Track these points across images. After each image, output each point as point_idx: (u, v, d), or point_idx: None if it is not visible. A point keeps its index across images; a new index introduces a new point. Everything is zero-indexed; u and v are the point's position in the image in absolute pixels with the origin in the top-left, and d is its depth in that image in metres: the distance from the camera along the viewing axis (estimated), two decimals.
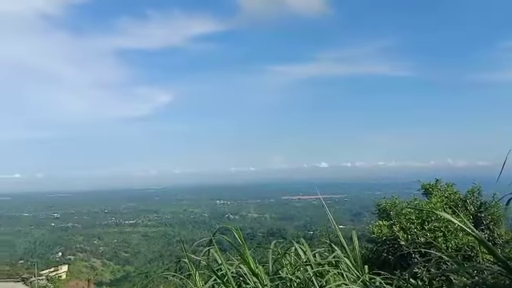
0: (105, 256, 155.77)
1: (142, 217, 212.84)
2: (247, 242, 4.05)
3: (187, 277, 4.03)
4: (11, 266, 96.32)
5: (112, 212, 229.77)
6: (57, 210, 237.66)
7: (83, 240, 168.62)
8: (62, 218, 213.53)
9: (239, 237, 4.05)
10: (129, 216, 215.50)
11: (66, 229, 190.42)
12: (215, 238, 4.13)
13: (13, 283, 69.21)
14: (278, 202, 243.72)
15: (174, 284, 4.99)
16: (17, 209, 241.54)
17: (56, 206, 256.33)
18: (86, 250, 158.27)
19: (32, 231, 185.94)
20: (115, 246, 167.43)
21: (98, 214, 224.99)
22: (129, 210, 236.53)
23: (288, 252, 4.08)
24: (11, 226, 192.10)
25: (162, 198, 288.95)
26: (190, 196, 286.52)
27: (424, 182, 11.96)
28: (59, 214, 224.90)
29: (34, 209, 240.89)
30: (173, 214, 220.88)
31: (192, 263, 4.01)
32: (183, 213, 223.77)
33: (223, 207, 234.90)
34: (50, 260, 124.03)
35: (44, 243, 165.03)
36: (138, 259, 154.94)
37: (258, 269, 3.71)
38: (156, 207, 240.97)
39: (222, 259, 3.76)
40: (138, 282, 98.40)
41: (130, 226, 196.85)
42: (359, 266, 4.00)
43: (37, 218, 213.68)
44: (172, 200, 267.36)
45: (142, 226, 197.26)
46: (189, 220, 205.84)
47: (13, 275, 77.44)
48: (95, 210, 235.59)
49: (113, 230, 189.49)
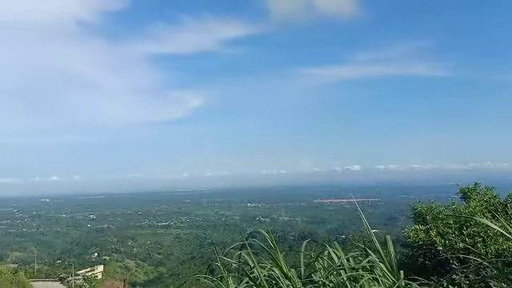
0: (138, 257, 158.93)
1: (174, 219, 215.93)
2: (278, 245, 3.99)
3: (219, 279, 4.03)
4: (49, 266, 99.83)
5: (145, 214, 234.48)
6: (92, 211, 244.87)
7: (118, 241, 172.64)
8: (98, 220, 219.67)
9: (271, 240, 3.98)
10: (161, 218, 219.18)
11: (101, 230, 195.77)
12: (247, 241, 4.07)
13: (51, 282, 71.63)
14: (309, 205, 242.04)
15: (206, 286, 4.90)
16: (55, 210, 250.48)
17: (92, 207, 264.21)
18: (121, 250, 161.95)
19: (69, 232, 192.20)
20: (148, 247, 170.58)
21: (132, 216, 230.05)
22: (161, 212, 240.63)
23: (321, 256, 3.98)
24: (50, 227, 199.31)
25: (193, 200, 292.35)
26: (221, 199, 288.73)
27: (462, 186, 11.50)
28: (95, 215, 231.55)
29: (71, 210, 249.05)
30: (204, 216, 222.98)
31: (224, 266, 3.99)
32: (214, 215, 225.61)
33: (254, 210, 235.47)
34: (87, 260, 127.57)
35: (81, 244, 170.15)
36: (171, 261, 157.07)
37: (291, 272, 3.66)
38: (188, 209, 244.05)
39: (255, 262, 3.69)
40: (171, 283, 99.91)
41: (163, 227, 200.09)
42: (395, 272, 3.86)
43: (74, 219, 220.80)
44: (203, 202, 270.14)
45: (175, 227, 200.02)
46: (220, 222, 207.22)
47: (51, 275, 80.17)
48: (129, 212, 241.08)
49: (146, 231, 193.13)
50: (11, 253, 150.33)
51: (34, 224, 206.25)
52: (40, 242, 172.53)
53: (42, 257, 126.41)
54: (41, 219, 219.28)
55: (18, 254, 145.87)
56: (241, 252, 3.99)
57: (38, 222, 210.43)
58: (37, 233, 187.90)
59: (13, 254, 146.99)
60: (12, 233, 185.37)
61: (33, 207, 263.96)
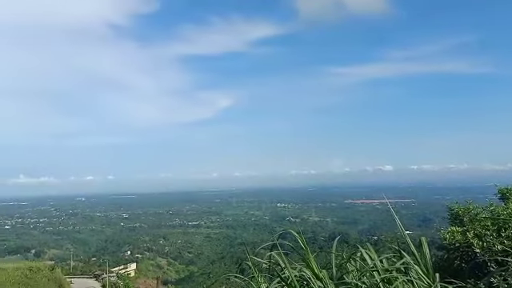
0: (170, 255, 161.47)
1: (204, 218, 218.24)
2: (308, 246, 3.94)
3: (250, 279, 4.00)
4: (85, 263, 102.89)
5: (176, 213, 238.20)
6: (125, 210, 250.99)
7: (150, 240, 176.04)
8: (130, 218, 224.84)
9: (302, 240, 3.96)
10: (192, 217, 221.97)
11: (133, 228, 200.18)
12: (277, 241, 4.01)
13: (86, 279, 73.70)
14: (340, 206, 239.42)
15: (237, 286, 5.16)
16: (90, 209, 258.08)
17: (124, 206, 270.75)
18: (153, 249, 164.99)
19: (104, 230, 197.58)
20: (179, 246, 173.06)
21: (163, 215, 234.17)
22: (192, 211, 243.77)
23: (353, 257, 3.89)
24: (85, 225, 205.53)
25: (223, 200, 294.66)
26: (251, 198, 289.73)
27: (501, 186, 11.03)
28: (128, 214, 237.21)
29: (105, 209, 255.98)
30: (234, 216, 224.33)
31: (254, 265, 3.97)
32: (244, 215, 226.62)
33: (284, 210, 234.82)
34: (120, 258, 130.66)
35: (114, 242, 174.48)
36: (201, 260, 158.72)
37: (322, 273, 3.61)
38: (218, 209, 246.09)
39: (286, 262, 3.64)
40: (202, 282, 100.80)
41: (193, 227, 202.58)
42: (430, 274, 3.75)
43: (108, 218, 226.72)
44: (233, 202, 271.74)
45: (205, 227, 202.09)
46: (250, 222, 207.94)
47: (86, 272, 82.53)
48: (160, 211, 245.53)
49: (177, 230, 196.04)
50: (48, 250, 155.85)
51: (70, 222, 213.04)
52: (76, 239, 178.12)
53: (77, 254, 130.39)
54: (76, 217, 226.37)
55: (54, 252, 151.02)
56: (272, 252, 3.94)
57: (73, 221, 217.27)
58: (73, 231, 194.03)
59: (50, 252, 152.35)
60: (49, 231, 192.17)
61: (69, 206, 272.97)
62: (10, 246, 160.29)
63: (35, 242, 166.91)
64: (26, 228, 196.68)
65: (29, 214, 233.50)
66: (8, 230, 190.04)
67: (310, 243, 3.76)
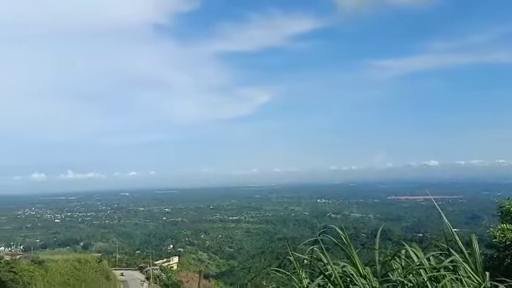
0: (211, 250, 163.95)
1: (244, 213, 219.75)
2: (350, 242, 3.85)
3: (292, 274, 3.96)
4: (130, 256, 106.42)
5: (216, 208, 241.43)
6: (167, 205, 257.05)
7: (191, 234, 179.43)
8: (172, 213, 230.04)
9: (344, 236, 3.86)
10: (232, 212, 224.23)
11: (175, 223, 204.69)
12: (318, 237, 3.97)
13: (131, 271, 76.19)
14: (382, 202, 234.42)
15: (277, 281, 4.92)
16: (134, 203, 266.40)
17: (166, 201, 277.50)
18: (194, 243, 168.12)
19: (147, 224, 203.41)
20: (220, 240, 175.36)
21: (204, 210, 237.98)
22: (232, 206, 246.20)
23: (398, 254, 3.77)
24: (129, 219, 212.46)
25: (262, 195, 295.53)
26: (291, 194, 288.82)
27: None
28: (169, 209, 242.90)
29: (148, 204, 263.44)
30: (274, 211, 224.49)
31: (296, 261, 3.90)
32: (284, 211, 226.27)
33: (324, 206, 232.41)
34: (163, 251, 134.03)
35: (157, 235, 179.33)
36: (241, 254, 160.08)
37: (366, 270, 3.55)
38: (257, 205, 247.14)
39: (328, 258, 3.60)
40: (242, 276, 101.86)
41: (234, 222, 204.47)
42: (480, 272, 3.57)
43: (151, 212, 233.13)
44: (272, 198, 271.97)
45: (245, 222, 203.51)
46: (290, 218, 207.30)
47: (131, 264, 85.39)
48: (201, 206, 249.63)
49: (217, 225, 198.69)
50: (95, 243, 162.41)
51: (116, 216, 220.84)
52: (121, 233, 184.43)
53: (122, 247, 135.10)
54: (121, 212, 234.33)
55: (101, 244, 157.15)
56: (313, 247, 3.89)
57: (119, 215, 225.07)
58: (118, 224, 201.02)
59: (97, 244, 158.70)
60: (96, 224, 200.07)
61: (114, 200, 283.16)
62: (59, 239, 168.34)
63: (83, 235, 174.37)
64: (75, 221, 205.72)
65: (77, 208, 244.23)
66: (58, 224, 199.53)
67: (351, 240, 3.67)
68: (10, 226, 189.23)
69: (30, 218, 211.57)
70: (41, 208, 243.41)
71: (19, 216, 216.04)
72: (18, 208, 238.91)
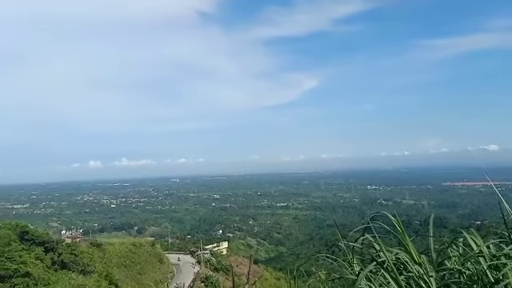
0: (259, 236, 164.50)
1: (292, 200, 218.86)
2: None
3: (343, 261, 3.81)
4: (181, 240, 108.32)
5: (264, 194, 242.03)
6: (216, 191, 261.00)
7: (239, 220, 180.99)
8: (221, 199, 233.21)
9: (398, 223, 3.51)
10: (280, 199, 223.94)
11: (224, 209, 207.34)
12: (370, 224, 3.68)
13: (182, 255, 77.21)
14: (437, 189, 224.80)
15: (326, 267, 5.04)
16: (184, 189, 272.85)
17: (215, 187, 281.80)
18: (243, 229, 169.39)
19: (197, 210, 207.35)
20: (268, 226, 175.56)
21: (252, 196, 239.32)
22: (280, 193, 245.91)
23: (455, 242, 3.49)
24: (180, 205, 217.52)
25: (310, 182, 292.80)
26: (339, 181, 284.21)
27: None
28: (218, 195, 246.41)
29: (198, 190, 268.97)
30: (322, 198, 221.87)
31: (347, 247, 3.74)
32: (333, 197, 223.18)
33: (374, 192, 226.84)
34: (212, 236, 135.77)
35: (207, 221, 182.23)
36: (290, 240, 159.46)
37: (421, 258, 3.32)
38: (305, 191, 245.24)
39: (381, 245, 3.37)
40: (291, 262, 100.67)
41: (282, 208, 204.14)
42: None
43: (200, 198, 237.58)
44: (321, 184, 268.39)
45: (293, 208, 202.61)
46: (338, 204, 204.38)
47: (182, 248, 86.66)
48: (249, 193, 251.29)
49: (265, 211, 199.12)
50: (149, 227, 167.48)
51: (167, 202, 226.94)
52: (172, 218, 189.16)
53: (174, 232, 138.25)
54: (172, 198, 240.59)
55: (154, 229, 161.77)
56: (365, 235, 3.65)
57: (170, 200, 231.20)
58: (169, 210, 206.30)
59: (150, 229, 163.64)
60: (149, 209, 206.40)
61: (165, 186, 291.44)
62: (115, 223, 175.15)
63: (137, 220, 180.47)
64: (129, 207, 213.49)
65: (131, 194, 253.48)
66: (114, 209, 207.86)
67: (404, 227, 3.47)
68: (70, 211, 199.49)
69: (88, 204, 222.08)
70: (98, 194, 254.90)
71: (78, 201, 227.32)
72: (77, 194, 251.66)
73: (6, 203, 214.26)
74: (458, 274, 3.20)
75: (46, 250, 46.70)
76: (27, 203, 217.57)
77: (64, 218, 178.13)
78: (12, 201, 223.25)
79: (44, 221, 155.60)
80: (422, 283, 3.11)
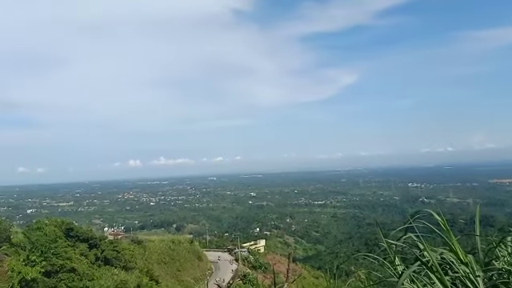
0: (297, 234, 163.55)
1: (330, 198, 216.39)
2: None
3: (384, 260, 3.69)
4: (219, 238, 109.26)
5: (301, 192, 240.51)
6: (253, 189, 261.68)
7: (277, 218, 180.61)
8: (258, 197, 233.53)
9: (443, 222, 3.47)
10: (317, 197, 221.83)
11: (261, 207, 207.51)
12: (412, 223, 3.59)
13: (220, 253, 77.79)
14: (483, 186, 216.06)
15: (366, 266, 4.84)
16: (221, 187, 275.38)
17: (252, 185, 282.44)
18: (280, 227, 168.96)
19: (234, 208, 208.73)
20: (306, 225, 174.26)
21: (289, 194, 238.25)
22: (317, 191, 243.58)
23: (503, 241, 3.44)
24: (217, 203, 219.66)
25: (349, 179, 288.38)
26: (379, 178, 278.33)
27: None
28: (255, 193, 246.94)
29: (235, 188, 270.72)
30: (361, 196, 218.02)
31: (389, 246, 3.62)
32: (372, 195, 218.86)
33: (416, 190, 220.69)
34: (250, 234, 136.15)
35: (244, 219, 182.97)
36: (328, 239, 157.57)
37: (468, 258, 3.25)
38: (344, 189, 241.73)
39: (425, 244, 3.32)
40: (329, 261, 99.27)
41: (319, 206, 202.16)
42: None
43: (237, 196, 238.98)
44: (359, 182, 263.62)
45: (331, 206, 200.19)
46: (378, 203, 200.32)
47: (220, 246, 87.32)
48: (286, 190, 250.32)
49: (303, 209, 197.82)
50: (187, 225, 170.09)
51: (205, 200, 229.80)
52: (210, 216, 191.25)
53: (212, 229, 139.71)
54: (210, 196, 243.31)
55: (192, 226, 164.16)
56: (408, 233, 3.58)
57: (207, 198, 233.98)
58: (207, 208, 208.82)
59: (188, 226, 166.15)
60: (187, 207, 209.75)
61: (203, 185, 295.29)
62: (155, 220, 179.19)
63: (176, 217, 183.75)
64: (168, 205, 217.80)
65: (169, 192, 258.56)
66: (153, 207, 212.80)
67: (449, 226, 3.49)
68: (112, 209, 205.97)
69: (128, 201, 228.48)
70: (138, 192, 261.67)
71: (119, 199, 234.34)
72: (118, 192, 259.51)
73: (52, 201, 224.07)
74: (507, 274, 3.09)
75: (90, 246, 48.23)
76: (72, 201, 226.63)
77: (106, 216, 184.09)
78: (57, 199, 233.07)
79: (87, 218, 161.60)
80: (468, 283, 3.04)
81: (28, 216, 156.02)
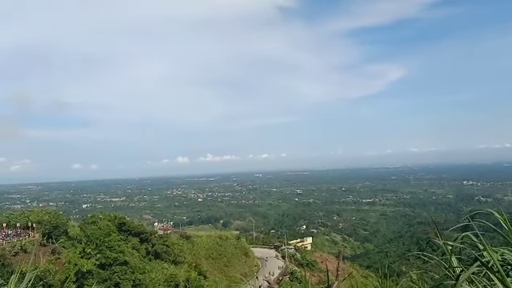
0: (344, 232, 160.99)
1: (379, 196, 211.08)
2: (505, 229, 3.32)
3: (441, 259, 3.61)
4: (265, 235, 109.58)
5: (349, 190, 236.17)
6: (299, 186, 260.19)
7: (323, 215, 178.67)
8: (304, 194, 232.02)
9: (505, 221, 3.37)
10: (366, 194, 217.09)
11: (307, 204, 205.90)
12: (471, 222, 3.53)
13: (267, 249, 77.96)
14: None
15: (418, 267, 4.13)
16: (267, 184, 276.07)
17: (298, 182, 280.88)
18: (327, 224, 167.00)
19: (280, 205, 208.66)
20: (354, 223, 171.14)
21: (336, 192, 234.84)
22: (365, 188, 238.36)
23: None
24: (263, 200, 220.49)
25: (399, 177, 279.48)
26: (431, 176, 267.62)
27: None
28: (301, 190, 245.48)
29: (280, 185, 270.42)
30: (412, 194, 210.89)
31: (446, 246, 3.49)
32: (423, 193, 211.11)
33: (471, 189, 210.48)
34: (296, 231, 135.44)
35: (290, 216, 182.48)
36: (377, 238, 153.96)
37: None
38: (393, 187, 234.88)
39: (485, 244, 3.21)
40: (379, 260, 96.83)
41: (368, 204, 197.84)
42: None
43: (283, 193, 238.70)
44: (410, 180, 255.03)
45: (380, 204, 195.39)
46: (430, 201, 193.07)
47: (267, 242, 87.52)
48: (333, 188, 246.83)
49: (350, 207, 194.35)
50: (233, 221, 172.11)
51: (251, 196, 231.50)
52: (256, 212, 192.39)
53: (258, 226, 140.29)
54: (256, 192, 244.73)
55: (239, 223, 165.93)
56: (465, 233, 3.48)
57: (253, 195, 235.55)
58: (253, 204, 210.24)
59: (235, 222, 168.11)
60: (233, 204, 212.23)
61: (249, 181, 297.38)
62: (202, 216, 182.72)
63: (222, 214, 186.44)
64: (215, 201, 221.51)
65: (216, 189, 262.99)
66: (201, 203, 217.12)
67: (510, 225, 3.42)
68: (162, 204, 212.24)
69: (177, 197, 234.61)
70: (186, 188, 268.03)
71: (168, 195, 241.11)
72: (167, 188, 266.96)
73: (105, 196, 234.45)
74: None
75: (141, 240, 49.94)
76: (123, 196, 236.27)
77: (156, 211, 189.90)
78: (110, 194, 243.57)
79: (138, 213, 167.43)
80: None
81: (83, 210, 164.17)
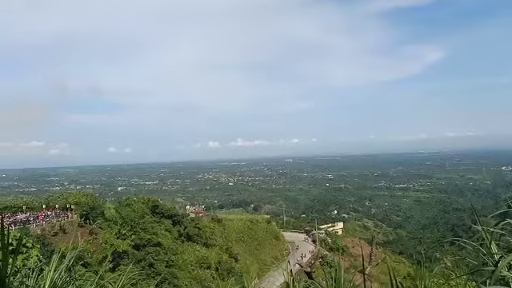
0: (376, 217, 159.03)
1: (413, 181, 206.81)
2: None
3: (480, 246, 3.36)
4: (295, 219, 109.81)
5: (382, 175, 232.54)
6: (330, 171, 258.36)
7: (355, 201, 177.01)
8: (335, 179, 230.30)
9: None
10: (399, 180, 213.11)
11: (339, 189, 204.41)
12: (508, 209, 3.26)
13: (298, 234, 78.17)
14: None
15: (452, 253, 3.98)
16: (297, 169, 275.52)
17: (329, 168, 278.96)
18: (359, 210, 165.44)
19: (310, 190, 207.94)
20: (386, 208, 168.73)
21: (368, 177, 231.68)
22: (398, 173, 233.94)
23: None
24: (294, 184, 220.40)
25: (434, 162, 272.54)
26: (468, 161, 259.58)
27: None
28: (332, 175, 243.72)
29: (311, 170, 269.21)
30: (447, 179, 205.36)
31: (485, 232, 3.29)
32: (460, 179, 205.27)
33: (510, 174, 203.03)
34: (327, 216, 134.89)
35: (321, 201, 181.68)
36: (411, 224, 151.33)
37: None
38: (428, 172, 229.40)
39: None
40: (412, 246, 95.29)
41: (401, 190, 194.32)
42: None
43: (314, 178, 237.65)
44: (446, 165, 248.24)
45: (414, 190, 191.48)
46: (467, 187, 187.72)
47: (297, 227, 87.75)
48: (365, 173, 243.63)
49: (383, 192, 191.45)
50: (264, 205, 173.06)
51: (281, 181, 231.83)
52: (286, 197, 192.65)
53: (288, 210, 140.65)
54: (286, 177, 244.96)
55: (269, 207, 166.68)
56: (505, 220, 3.23)
57: (284, 180, 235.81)
58: (283, 189, 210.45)
59: (265, 206, 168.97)
60: (264, 188, 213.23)
61: (279, 166, 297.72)
62: (233, 200, 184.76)
63: (253, 198, 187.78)
64: (245, 185, 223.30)
65: (247, 173, 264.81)
66: (231, 187, 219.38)
67: None
68: (193, 188, 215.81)
69: (208, 181, 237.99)
70: (217, 172, 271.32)
71: (200, 179, 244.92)
72: (199, 172, 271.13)
73: (139, 180, 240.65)
74: None
75: (174, 222, 51.14)
76: (157, 180, 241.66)
77: (188, 195, 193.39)
78: (144, 178, 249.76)
79: (171, 196, 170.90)
80: None
81: (118, 193, 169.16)
